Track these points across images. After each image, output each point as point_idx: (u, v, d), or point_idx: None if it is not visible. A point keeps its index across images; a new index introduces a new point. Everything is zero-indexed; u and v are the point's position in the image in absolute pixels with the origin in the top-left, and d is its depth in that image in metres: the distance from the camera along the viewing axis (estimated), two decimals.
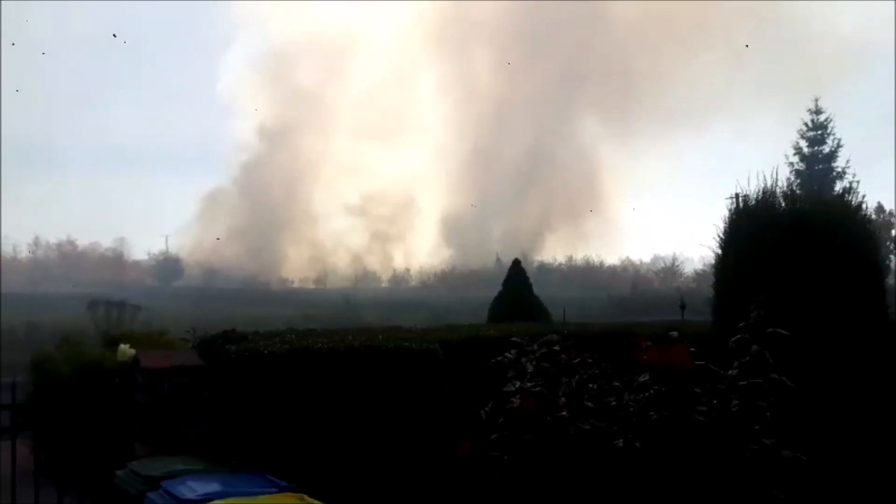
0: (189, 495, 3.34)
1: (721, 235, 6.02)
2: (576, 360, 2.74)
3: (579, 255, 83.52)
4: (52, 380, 7.54)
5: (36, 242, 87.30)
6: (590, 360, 2.83)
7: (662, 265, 76.53)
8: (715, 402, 2.44)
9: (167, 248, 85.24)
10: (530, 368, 2.75)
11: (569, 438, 2.42)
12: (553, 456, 2.46)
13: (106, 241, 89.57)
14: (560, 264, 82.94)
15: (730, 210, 5.97)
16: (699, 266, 71.00)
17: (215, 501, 3.23)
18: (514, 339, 3.00)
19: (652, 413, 2.38)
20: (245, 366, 4.56)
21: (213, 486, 3.50)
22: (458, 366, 5.73)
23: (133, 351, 5.90)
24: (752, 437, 2.38)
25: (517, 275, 13.48)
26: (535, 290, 13.50)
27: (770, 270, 4.44)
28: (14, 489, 4.41)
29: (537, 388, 2.62)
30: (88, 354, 8.24)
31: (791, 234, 4.76)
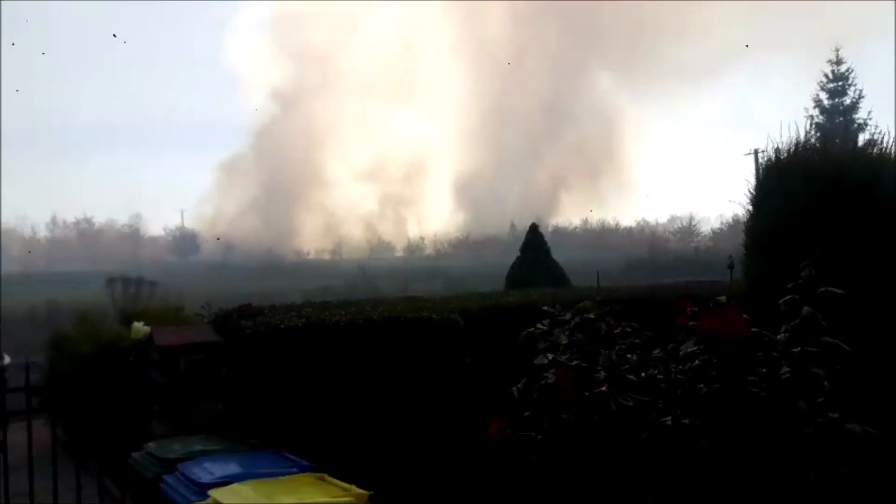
0: (205, 478, 3.21)
1: (752, 191, 5.76)
2: (616, 330, 2.54)
3: (595, 218, 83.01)
4: (70, 359, 7.50)
5: (54, 221, 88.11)
6: (629, 329, 2.63)
7: (679, 225, 75.79)
8: (764, 370, 2.23)
9: (183, 222, 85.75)
10: (564, 340, 2.55)
11: (610, 416, 2.24)
12: (593, 435, 2.28)
13: (122, 219, 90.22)
14: (575, 227, 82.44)
15: (761, 164, 5.70)
16: (716, 225, 70.35)
17: (233, 484, 3.10)
18: (545, 308, 2.81)
19: (701, 385, 2.19)
20: (261, 341, 4.41)
21: (230, 468, 3.38)
22: (479, 336, 5.57)
23: (147, 328, 5.79)
24: (815, 410, 2.18)
25: (535, 240, 13.29)
26: (553, 254, 13.31)
27: (807, 227, 4.19)
28: (32, 471, 4.32)
29: (574, 362, 2.43)
30: (106, 332, 8.20)
31: (828, 189, 4.50)
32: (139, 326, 5.92)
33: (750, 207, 5.69)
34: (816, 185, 4.67)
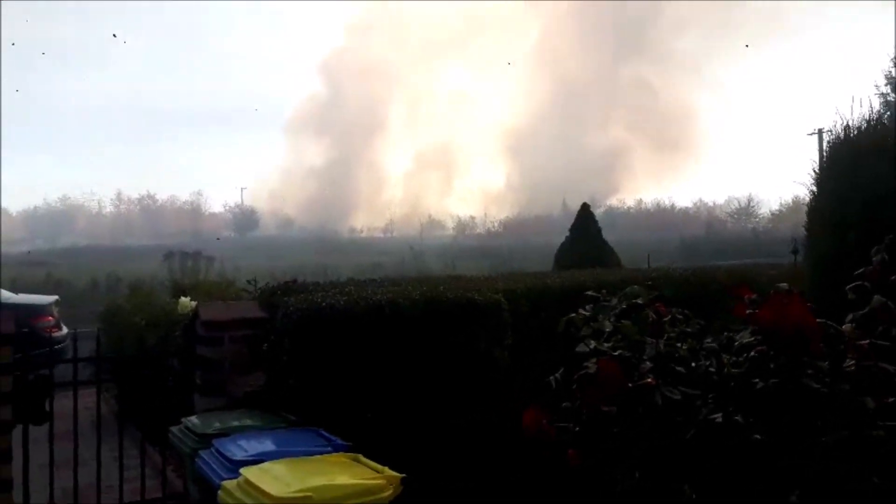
0: (239, 455, 3.18)
1: (816, 171, 5.43)
2: (666, 318, 2.36)
3: (649, 198, 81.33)
4: (121, 330, 7.68)
5: (119, 197, 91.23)
6: (680, 317, 2.45)
7: (736, 206, 73.47)
8: (827, 365, 2.04)
9: (242, 199, 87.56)
10: (608, 327, 2.39)
11: (655, 410, 2.08)
12: (635, 429, 2.13)
13: (184, 195, 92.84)
14: (629, 208, 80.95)
15: (829, 142, 5.36)
16: (775, 207, 67.99)
17: (266, 462, 3.06)
18: (589, 292, 2.64)
19: (756, 380, 2.01)
20: (302, 319, 4.36)
21: (264, 445, 3.34)
22: (523, 318, 5.43)
23: (193, 303, 5.85)
24: (884, 410, 1.98)
25: (585, 219, 12.96)
26: (604, 235, 12.98)
27: (880, 209, 3.89)
28: (76, 439, 4.40)
29: (618, 351, 2.27)
30: (158, 304, 8.36)
31: None
32: (185, 301, 6.01)
33: (814, 188, 5.37)
34: (890, 163, 4.35)
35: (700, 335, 2.37)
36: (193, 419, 3.89)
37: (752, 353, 2.07)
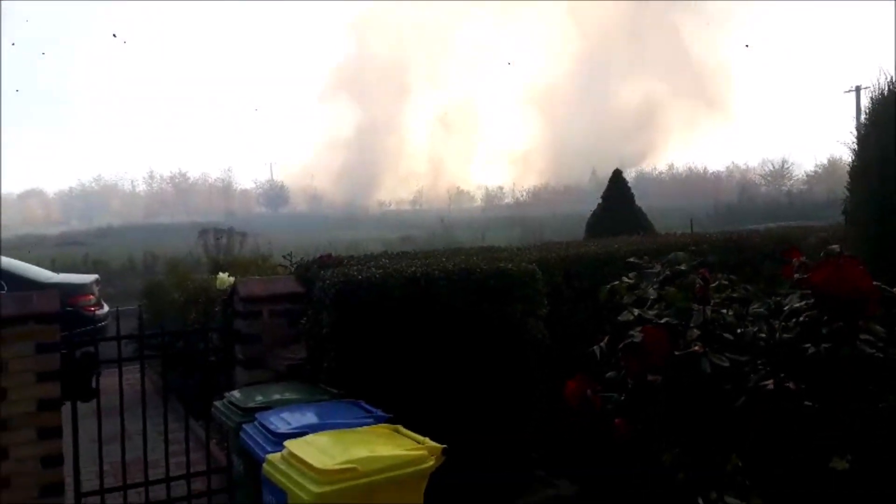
0: (283, 428, 3.23)
1: (858, 129, 5.26)
2: (712, 284, 2.31)
3: (681, 163, 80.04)
4: (163, 306, 7.83)
5: (151, 176, 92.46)
6: (726, 283, 2.39)
7: (771, 168, 71.90)
8: (882, 329, 1.97)
9: (272, 175, 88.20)
10: (653, 295, 2.35)
11: (703, 378, 2.05)
12: (684, 398, 2.10)
13: (215, 173, 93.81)
14: (660, 173, 79.69)
15: (871, 98, 5.17)
16: (810, 168, 66.40)
17: (309, 434, 3.10)
18: (631, 259, 2.59)
19: (808, 346, 1.96)
20: (339, 292, 4.39)
21: (307, 418, 3.39)
22: (557, 287, 5.40)
23: (231, 279, 5.91)
24: None
25: (618, 186, 12.78)
26: (637, 201, 12.80)
27: None
28: (122, 415, 4.52)
29: (663, 319, 2.23)
30: (196, 281, 8.51)
31: None
32: (224, 277, 6.06)
33: (856, 146, 5.20)
34: None
35: (746, 301, 2.31)
36: (236, 393, 3.95)
37: (803, 318, 2.02)
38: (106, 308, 10.11)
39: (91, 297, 9.79)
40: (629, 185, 13.18)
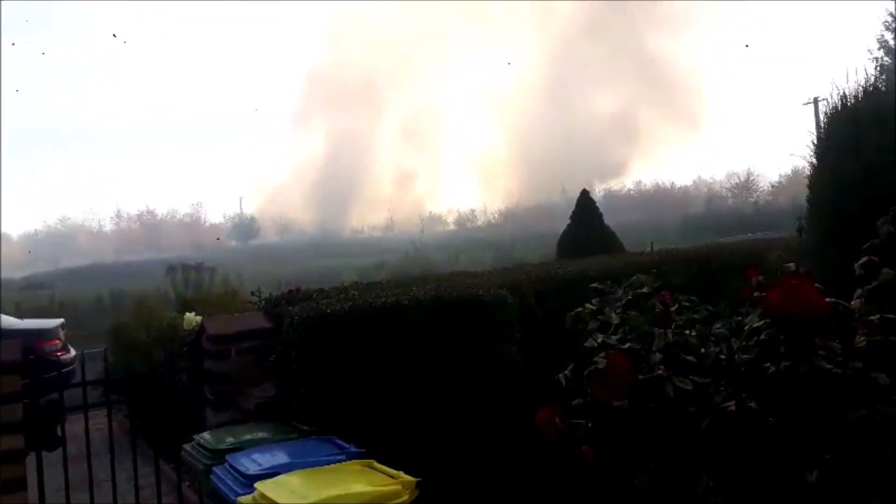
0: (253, 469, 3.16)
1: (815, 142, 5.38)
2: (672, 307, 2.33)
3: (649, 179, 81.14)
4: (128, 349, 7.67)
5: (118, 214, 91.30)
6: (686, 304, 2.42)
7: (737, 181, 73.25)
8: (838, 343, 2.00)
9: (241, 208, 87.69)
10: (615, 320, 2.37)
11: (667, 402, 2.05)
12: (649, 423, 2.10)
13: (183, 208, 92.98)
14: (629, 190, 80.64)
15: (826, 112, 5.30)
16: (774, 179, 67.86)
17: (281, 475, 3.04)
18: (594, 284, 2.61)
19: (768, 365, 1.98)
20: (307, 328, 4.34)
21: (278, 458, 3.33)
22: (529, 310, 5.41)
23: (199, 318, 5.83)
24: None
25: (586, 205, 12.96)
26: (605, 219, 12.96)
27: (883, 179, 3.85)
28: (90, 461, 4.40)
29: (626, 344, 2.24)
30: (163, 320, 8.36)
31: None
32: (191, 317, 5.99)
33: (814, 160, 5.31)
34: (891, 131, 4.30)
35: (709, 321, 2.34)
36: (205, 435, 3.87)
37: (762, 337, 2.04)
38: (73, 352, 9.89)
39: (57, 342, 9.59)
40: (597, 203, 13.37)
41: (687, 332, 2.27)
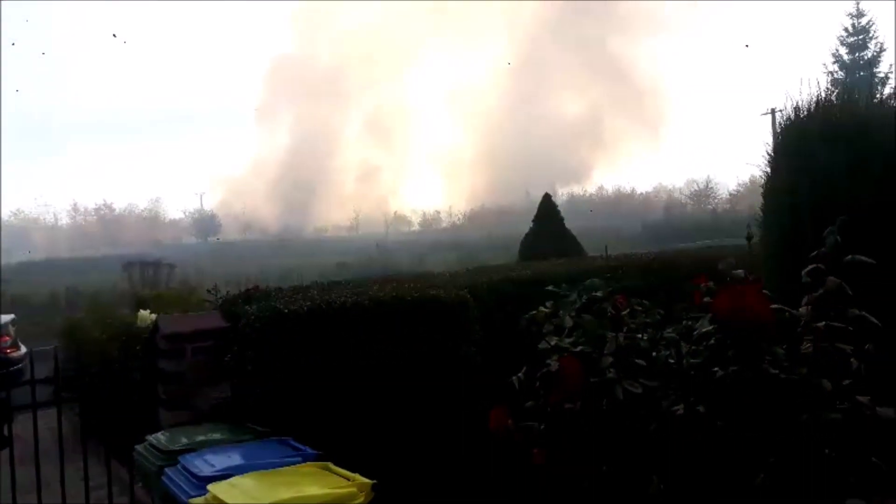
0: (206, 471, 3.12)
1: (769, 153, 5.52)
2: (624, 311, 2.36)
3: (610, 184, 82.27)
4: (81, 347, 7.49)
5: (75, 208, 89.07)
6: (639, 308, 2.45)
7: (696, 188, 74.80)
8: (784, 349, 2.06)
9: (202, 204, 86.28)
10: (569, 323, 2.39)
11: (617, 405, 2.08)
12: (599, 425, 2.13)
13: (142, 203, 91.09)
14: (591, 195, 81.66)
15: (781, 123, 5.45)
16: (733, 187, 69.49)
17: (234, 477, 3.00)
18: (549, 287, 2.64)
19: (716, 369, 2.02)
20: (264, 327, 4.30)
21: (232, 459, 3.28)
22: (489, 312, 5.43)
23: (153, 316, 5.73)
24: (841, 393, 2.01)
25: (548, 209, 13.09)
26: (567, 223, 13.10)
27: (831, 190, 3.97)
28: (38, 463, 4.28)
29: (578, 347, 2.27)
30: (118, 318, 8.18)
31: (853, 147, 4.25)
32: (145, 314, 5.88)
33: (768, 170, 5.45)
34: (840, 144, 4.43)
35: (660, 325, 2.38)
36: (158, 436, 3.80)
37: (711, 342, 2.08)
38: (23, 349, 9.62)
39: (7, 338, 9.31)
40: (558, 207, 13.51)
41: (639, 335, 2.31)
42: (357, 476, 3.01)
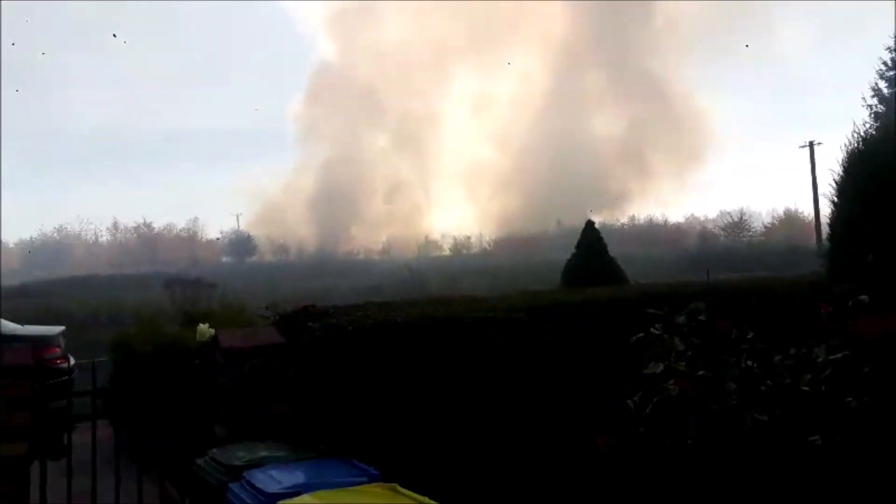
0: (273, 488, 3.07)
1: (836, 182, 5.43)
2: (734, 335, 2.27)
3: (642, 214, 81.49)
4: (134, 361, 7.53)
5: (115, 226, 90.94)
6: (750, 336, 2.35)
7: (728, 220, 73.71)
8: None
9: (238, 225, 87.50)
10: (680, 346, 2.30)
11: (744, 433, 1.98)
12: (725, 455, 2.02)
13: (180, 223, 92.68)
14: (623, 224, 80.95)
15: (847, 153, 5.36)
16: (767, 220, 68.41)
17: (303, 495, 2.94)
18: (650, 310, 2.55)
19: (850, 399, 1.91)
20: (330, 343, 4.27)
21: (297, 476, 3.23)
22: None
23: (212, 331, 5.73)
24: None
25: (591, 236, 12.97)
26: None
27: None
28: (94, 473, 4.28)
29: (700, 371, 2.17)
30: (166, 333, 8.23)
31: None
32: (204, 328, 5.87)
33: (835, 199, 5.36)
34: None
35: (768, 352, 2.27)
36: (218, 450, 3.77)
37: (836, 369, 1.97)
38: (72, 361, 9.72)
39: (58, 349, 9.41)
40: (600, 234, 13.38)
41: (750, 362, 2.21)
42: (427, 500, 2.93)
